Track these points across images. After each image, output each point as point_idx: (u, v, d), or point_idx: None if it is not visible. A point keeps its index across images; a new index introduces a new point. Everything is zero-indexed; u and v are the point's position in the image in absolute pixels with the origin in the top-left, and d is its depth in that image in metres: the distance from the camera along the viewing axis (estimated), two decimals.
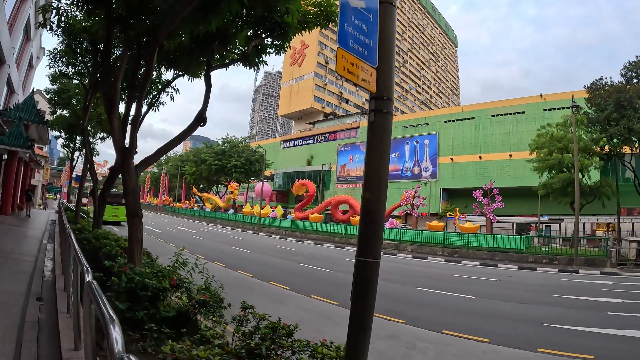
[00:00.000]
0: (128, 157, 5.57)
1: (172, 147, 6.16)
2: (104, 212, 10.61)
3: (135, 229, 5.55)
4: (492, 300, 10.55)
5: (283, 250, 20.19)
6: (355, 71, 2.53)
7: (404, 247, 24.56)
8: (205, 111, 6.40)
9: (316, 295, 9.83)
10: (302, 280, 12.01)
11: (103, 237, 8.67)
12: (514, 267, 19.00)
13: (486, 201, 27.27)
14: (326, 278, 12.92)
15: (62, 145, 24.26)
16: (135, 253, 5.48)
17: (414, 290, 11.61)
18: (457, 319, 8.32)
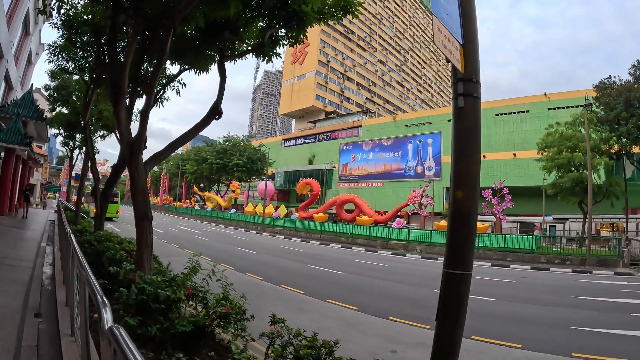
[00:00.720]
0: (136, 153, 5.00)
1: (184, 142, 5.61)
2: (105, 212, 10.07)
3: (144, 233, 4.99)
4: (513, 303, 10.30)
5: (289, 251, 19.64)
6: (448, 45, 2.27)
7: (412, 247, 24.08)
8: (220, 103, 5.87)
9: (333, 300, 9.41)
10: (315, 284, 11.52)
11: (106, 240, 8.12)
12: (527, 268, 18.66)
13: (496, 200, 26.73)
14: (339, 281, 12.44)
15: (62, 143, 23.67)
16: (144, 259, 4.93)
17: (431, 292, 11.04)
18: (483, 323, 8.04)
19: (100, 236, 8.35)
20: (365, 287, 11.59)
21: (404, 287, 11.94)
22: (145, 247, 4.96)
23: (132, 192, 5.04)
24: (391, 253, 22.67)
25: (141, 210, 5.04)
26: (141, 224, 5.00)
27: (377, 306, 9.00)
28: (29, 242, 8.66)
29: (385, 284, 12.39)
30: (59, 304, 4.21)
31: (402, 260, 20.07)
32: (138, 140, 5.01)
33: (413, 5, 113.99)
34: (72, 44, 11.29)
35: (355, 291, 10.77)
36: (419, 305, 9.44)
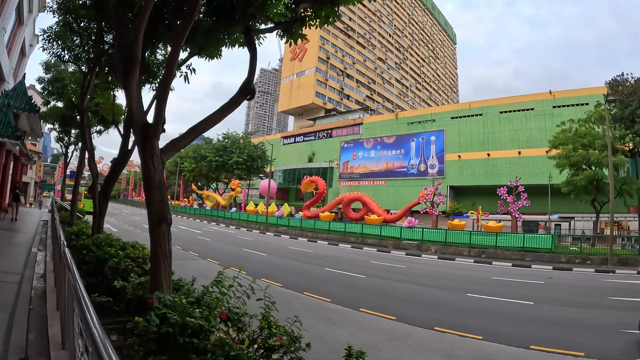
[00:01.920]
0: (152, 137, 3.91)
1: (209, 126, 4.52)
2: (105, 212, 8.94)
3: (162, 240, 3.91)
4: (553, 306, 9.81)
5: (299, 252, 18.56)
6: None
7: (426, 247, 23.20)
8: (252, 81, 4.81)
9: (365, 309, 8.51)
10: (339, 289, 10.55)
11: (107, 244, 7.02)
12: (549, 268, 18.01)
13: (511, 199, 25.88)
14: (363, 285, 11.53)
15: (56, 139, 22.47)
16: (162, 274, 3.85)
17: (464, 297, 10.47)
18: (534, 330, 7.61)
19: (99, 240, 7.25)
20: (393, 292, 10.80)
21: (432, 291, 11.19)
22: (164, 259, 3.88)
23: (146, 188, 3.94)
24: (405, 253, 21.78)
25: (158, 211, 3.95)
26: (158, 229, 3.92)
27: (416, 315, 8.26)
28: (17, 248, 7.41)
29: (412, 288, 11.61)
30: (52, 345, 3.10)
31: (418, 261, 19.21)
32: (155, 121, 3.92)
33: (412, 3, 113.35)
34: (69, 28, 10.21)
35: (384, 297, 10.03)
36: (459, 312, 8.84)
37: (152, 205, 3.94)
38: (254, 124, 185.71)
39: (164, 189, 3.96)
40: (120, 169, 9.12)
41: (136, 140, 3.96)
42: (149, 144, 3.88)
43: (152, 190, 3.90)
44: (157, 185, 3.91)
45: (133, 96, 3.93)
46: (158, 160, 3.94)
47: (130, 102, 3.94)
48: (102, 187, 8.95)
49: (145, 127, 3.93)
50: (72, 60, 12.29)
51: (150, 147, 3.88)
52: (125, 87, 3.96)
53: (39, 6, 22.08)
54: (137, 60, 3.97)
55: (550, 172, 37.08)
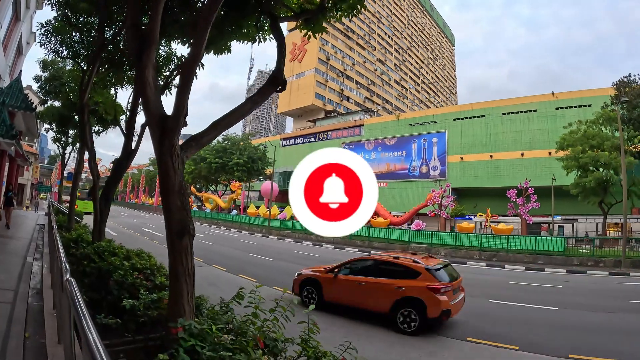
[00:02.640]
0: (172, 131, 3.29)
1: (235, 120, 3.90)
2: (106, 216, 8.29)
3: (183, 256, 3.29)
4: (579, 311, 9.60)
5: (306, 257, 17.91)
6: None
7: (436, 250, 22.66)
8: (282, 71, 4.20)
9: None
10: None
11: (109, 253, 6.39)
12: (562, 271, 17.63)
13: (521, 201, 25.39)
14: None
15: (53, 139, 21.78)
16: (183, 296, 3.22)
17: (488, 303, 10.08)
18: (567, 337, 7.37)
19: (101, 249, 6.62)
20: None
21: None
22: (185, 278, 3.25)
23: (164, 193, 3.29)
24: None
25: (178, 221, 3.31)
26: (179, 242, 3.28)
27: (445, 324, 7.65)
28: (10, 258, 6.82)
29: None
30: None
31: None
32: (176, 112, 3.29)
33: (411, 4, 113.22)
34: (68, 22, 9.62)
35: None
36: (487, 320, 8.40)
37: (171, 214, 3.29)
38: (252, 125, 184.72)
39: (185, 194, 3.32)
40: (124, 170, 8.49)
41: (152, 135, 3.32)
42: (167, 140, 3.26)
43: (170, 195, 3.26)
44: (177, 189, 3.28)
45: (148, 81, 3.30)
46: (178, 160, 3.31)
47: (144, 88, 3.31)
48: (103, 190, 8.31)
49: (164, 119, 3.31)
50: (70, 56, 11.70)
51: (170, 144, 3.25)
52: (140, 71, 3.33)
53: (37, 2, 21.43)
54: (155, 39, 3.35)
55: (554, 174, 36.75)
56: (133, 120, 8.49)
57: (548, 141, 46.74)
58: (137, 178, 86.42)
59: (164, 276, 6.07)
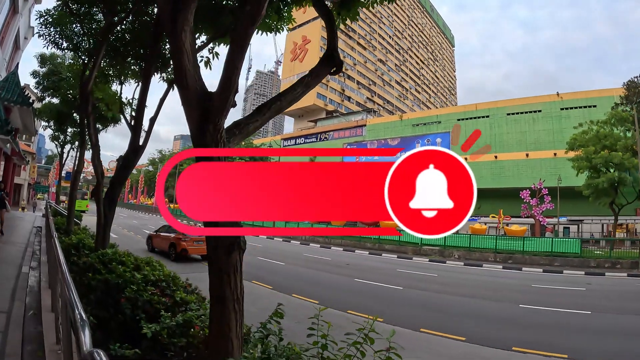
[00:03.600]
0: (217, 112, 2.53)
1: (288, 103, 3.17)
2: (111, 220, 7.49)
3: (231, 277, 2.55)
4: (613, 315, 9.39)
5: (317, 260, 17.12)
6: None
7: (449, 253, 22.08)
8: (336, 49, 3.43)
9: (426, 329, 7.47)
10: (386, 306, 9.36)
11: (117, 262, 5.62)
12: (580, 273, 17.39)
13: (534, 202, 24.77)
14: (407, 299, 10.49)
15: (51, 137, 20.94)
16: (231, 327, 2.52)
17: (518, 308, 9.76)
18: (615, 344, 7.06)
19: (106, 257, 5.83)
20: (443, 306, 9.81)
21: (482, 303, 10.36)
22: (234, 304, 2.49)
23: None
24: (428, 260, 20.61)
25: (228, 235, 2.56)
26: (225, 259, 2.52)
27: (484, 332, 7.46)
28: (3, 267, 5.89)
29: (459, 300, 10.59)
30: None
31: (446, 268, 18.05)
32: (223, 88, 2.51)
33: (411, 5, 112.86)
34: (70, 12, 8.91)
35: (437, 312, 9.12)
36: (525, 326, 8.09)
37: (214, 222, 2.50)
38: None
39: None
40: (130, 169, 7.69)
41: (189, 118, 2.54)
42: (211, 122, 2.48)
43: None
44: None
45: (185, 48, 2.52)
46: (221, 144, 2.53)
47: (180, 57, 2.52)
48: (107, 191, 7.51)
49: (207, 97, 2.52)
50: (70, 48, 10.96)
51: (215, 129, 2.48)
52: (174, 37, 2.55)
53: None
54: (189, 9, 2.56)
55: (560, 175, 36.23)
56: (141, 114, 7.68)
57: (553, 142, 46.32)
58: (135, 178, 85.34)
59: (181, 288, 5.29)
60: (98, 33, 9.06)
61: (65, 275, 2.55)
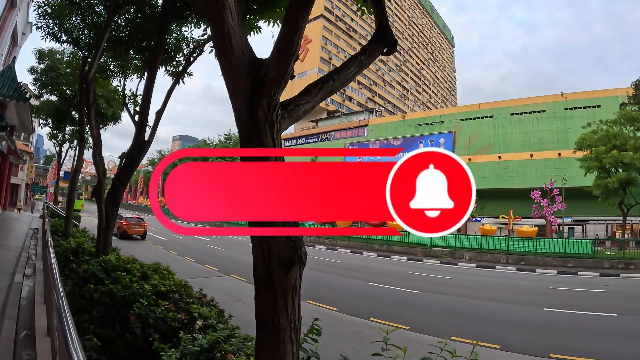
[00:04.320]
0: (272, 85, 1.94)
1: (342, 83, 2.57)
2: (114, 223, 6.87)
3: (288, 300, 1.96)
4: (637, 317, 9.18)
5: (327, 263, 16.47)
6: None
7: (460, 254, 21.63)
8: (389, 27, 2.87)
9: (457, 337, 6.74)
10: (409, 312, 8.90)
11: (121, 270, 5.00)
12: (595, 274, 17.15)
13: (545, 202, 24.27)
14: (428, 304, 10.06)
15: (49, 135, 20.33)
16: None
17: (544, 312, 9.41)
18: None
19: (109, 264, 5.19)
20: (467, 310, 9.35)
21: (506, 307, 9.92)
22: (291, 335, 1.88)
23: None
24: (439, 262, 20.10)
25: (282, 240, 1.95)
26: (282, 275, 1.93)
27: (518, 338, 7.12)
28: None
29: (480, 304, 10.15)
30: None
31: (459, 270, 17.55)
32: (281, 55, 1.90)
33: (412, 5, 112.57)
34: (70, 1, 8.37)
35: (463, 318, 8.66)
36: (556, 331, 7.78)
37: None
38: None
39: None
40: (134, 166, 7.07)
41: (235, 93, 1.93)
42: (265, 98, 1.87)
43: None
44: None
45: (229, 2, 1.89)
46: (278, 130, 1.93)
47: (222, 13, 1.90)
48: (110, 190, 6.89)
49: (258, 65, 1.91)
50: (70, 41, 10.42)
51: (270, 105, 1.87)
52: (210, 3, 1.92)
53: None
54: None
55: (565, 175, 35.82)
56: (147, 108, 7.06)
57: (557, 142, 45.89)
58: (134, 179, 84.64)
59: (196, 300, 4.67)
60: (100, 24, 8.54)
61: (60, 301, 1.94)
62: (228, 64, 1.90)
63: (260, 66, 1.89)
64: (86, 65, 10.63)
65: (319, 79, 2.56)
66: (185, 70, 7.82)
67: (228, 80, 1.95)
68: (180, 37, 9.18)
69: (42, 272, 5.13)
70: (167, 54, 8.88)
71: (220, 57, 1.94)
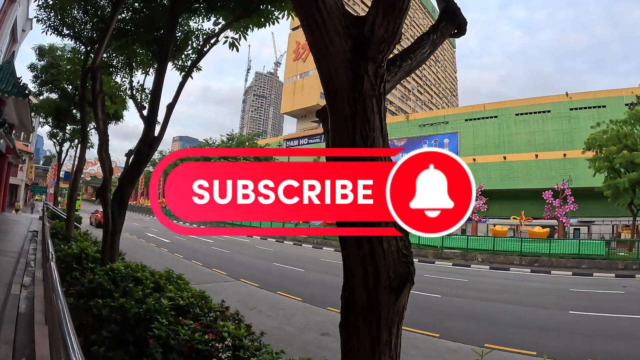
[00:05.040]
0: (381, 48, 1.36)
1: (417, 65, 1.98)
2: (121, 227, 6.31)
3: (393, 330, 1.32)
4: None
5: (337, 266, 15.66)
6: None
7: (472, 256, 21.05)
8: (455, 6, 2.31)
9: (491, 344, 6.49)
10: (436, 318, 8.31)
11: (131, 280, 4.45)
12: (611, 276, 16.84)
13: (557, 203, 23.77)
14: (451, 309, 9.52)
15: (49, 134, 19.77)
16: None
17: (569, 315, 9.10)
18: None
19: (117, 274, 4.62)
20: (491, 315, 8.97)
21: (532, 311, 9.45)
22: None
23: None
24: (452, 264, 19.55)
25: (393, 254, 1.35)
26: (388, 300, 1.36)
27: (553, 345, 6.68)
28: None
29: (503, 307, 9.72)
30: None
31: (472, 272, 16.98)
32: (389, 8, 1.35)
33: (413, 5, 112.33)
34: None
35: (491, 323, 8.20)
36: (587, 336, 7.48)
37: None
38: (249, 127, 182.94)
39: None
40: (144, 164, 6.50)
41: (332, 55, 1.35)
42: (371, 62, 1.30)
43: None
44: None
45: None
46: (383, 101, 1.37)
47: None
48: (116, 192, 6.31)
49: (358, 22, 1.34)
50: (72, 35, 9.93)
51: (376, 73, 1.34)
52: None
53: None
54: None
55: (570, 175, 35.40)
56: (157, 101, 6.49)
57: (563, 142, 45.49)
58: None
59: (220, 315, 4.12)
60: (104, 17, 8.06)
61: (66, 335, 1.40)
62: (320, 20, 1.34)
63: (360, 23, 1.33)
64: (88, 60, 10.13)
65: (396, 55, 2.03)
66: (198, 62, 7.28)
67: (316, 42, 1.39)
68: (188, 31, 8.69)
69: (42, 282, 4.55)
70: (176, 46, 8.37)
71: (305, 15, 1.38)
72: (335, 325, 7.25)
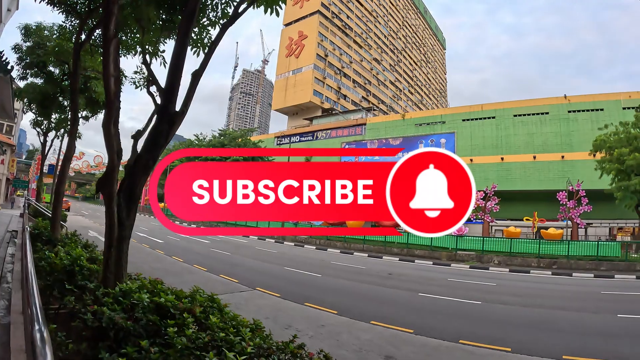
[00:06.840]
0: None
1: None
2: (130, 230, 4.78)
3: None
4: None
5: (351, 270, 14.48)
6: None
7: (488, 258, 20.12)
8: None
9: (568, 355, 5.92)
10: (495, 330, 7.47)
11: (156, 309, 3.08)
12: (632, 277, 16.63)
13: (572, 204, 23.13)
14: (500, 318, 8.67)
15: (32, 123, 17.99)
16: None
17: (619, 319, 8.76)
18: None
19: (132, 299, 3.21)
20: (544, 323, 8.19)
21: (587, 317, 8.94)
22: None
23: None
24: (469, 267, 18.51)
25: None
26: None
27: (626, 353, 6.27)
28: None
29: (553, 314, 8.99)
30: None
31: (494, 275, 16.03)
32: None
33: (406, 5, 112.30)
34: None
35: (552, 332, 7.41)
36: None
37: None
38: (235, 125, 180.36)
39: None
40: (163, 146, 4.95)
41: None
42: None
43: None
44: None
45: None
46: None
47: None
48: (123, 182, 4.82)
49: None
50: (65, 9, 8.61)
51: None
52: None
53: None
54: None
55: (569, 178, 35.11)
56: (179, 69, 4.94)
57: (561, 144, 45.35)
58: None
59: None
60: None
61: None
62: None
63: None
64: (82, 34, 8.70)
65: None
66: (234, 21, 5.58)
67: None
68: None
69: (21, 314, 3.04)
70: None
71: None
72: (393, 344, 5.71)
